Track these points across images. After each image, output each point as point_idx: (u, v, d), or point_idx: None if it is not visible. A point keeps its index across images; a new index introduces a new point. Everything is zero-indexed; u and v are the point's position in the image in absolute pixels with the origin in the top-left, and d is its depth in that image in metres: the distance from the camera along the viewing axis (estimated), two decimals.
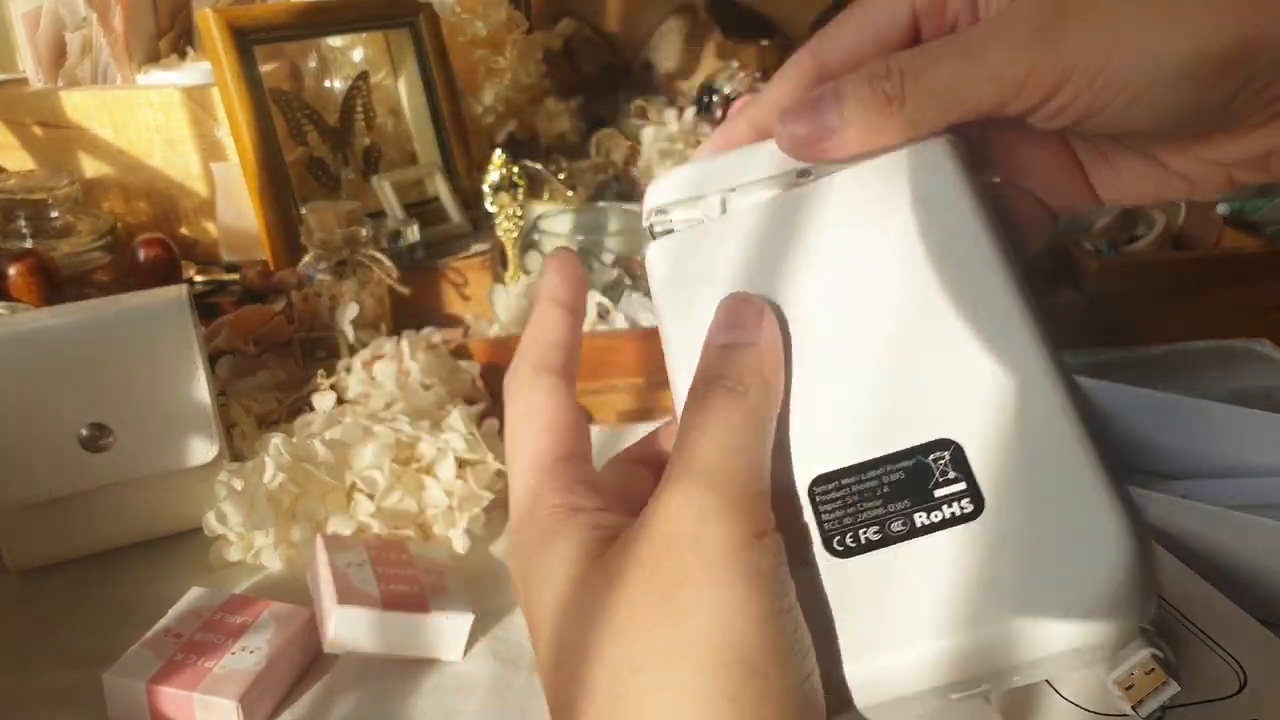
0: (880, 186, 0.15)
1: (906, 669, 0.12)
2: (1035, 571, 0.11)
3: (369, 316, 0.46)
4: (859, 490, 0.13)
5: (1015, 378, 0.12)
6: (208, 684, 0.27)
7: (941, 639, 0.11)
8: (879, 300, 0.14)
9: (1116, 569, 0.11)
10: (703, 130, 0.60)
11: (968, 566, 0.12)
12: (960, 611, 0.11)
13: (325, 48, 0.58)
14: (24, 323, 0.35)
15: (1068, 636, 0.11)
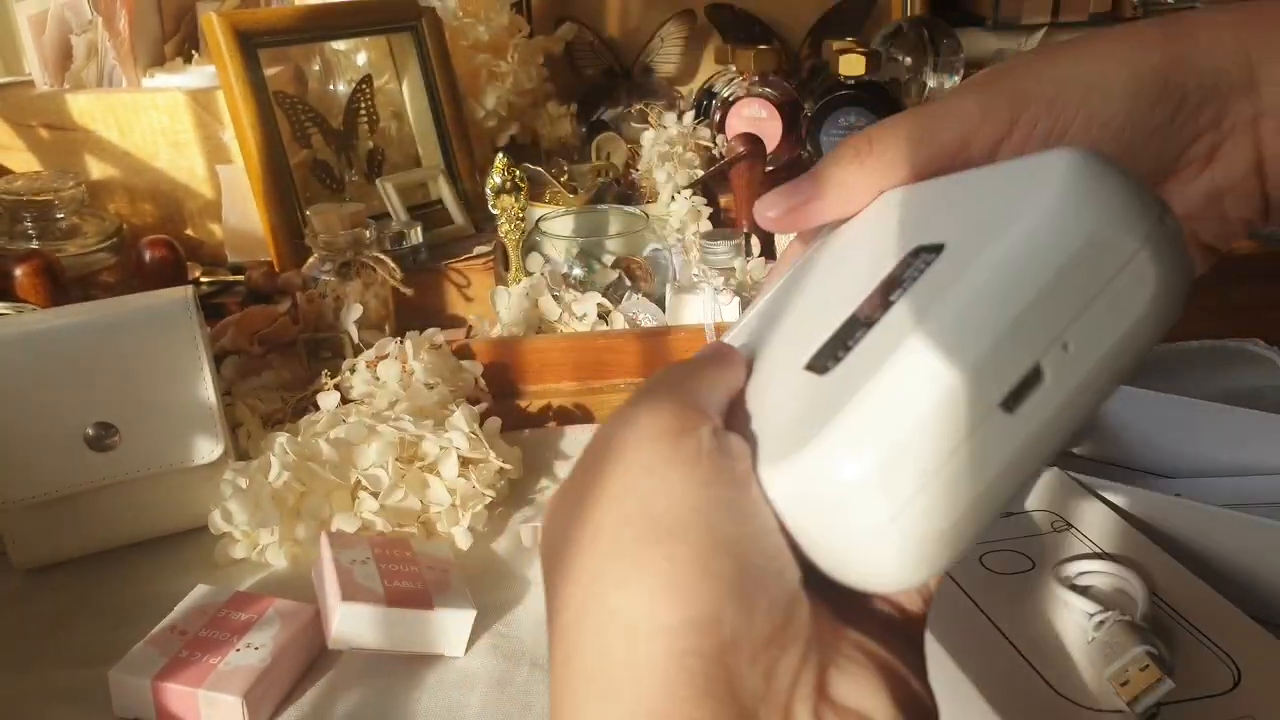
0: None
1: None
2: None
3: (373, 317, 0.46)
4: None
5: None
6: (213, 680, 0.27)
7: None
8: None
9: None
10: (701, 133, 0.61)
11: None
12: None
13: (329, 51, 0.59)
14: (30, 323, 0.36)
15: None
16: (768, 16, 0.73)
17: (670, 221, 0.54)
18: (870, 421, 0.11)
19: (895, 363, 0.11)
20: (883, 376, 0.11)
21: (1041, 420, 0.11)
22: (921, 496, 0.10)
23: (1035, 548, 0.28)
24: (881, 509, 0.10)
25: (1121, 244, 0.10)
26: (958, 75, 0.68)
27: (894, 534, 0.11)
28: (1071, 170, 0.11)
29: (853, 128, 0.62)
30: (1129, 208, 0.11)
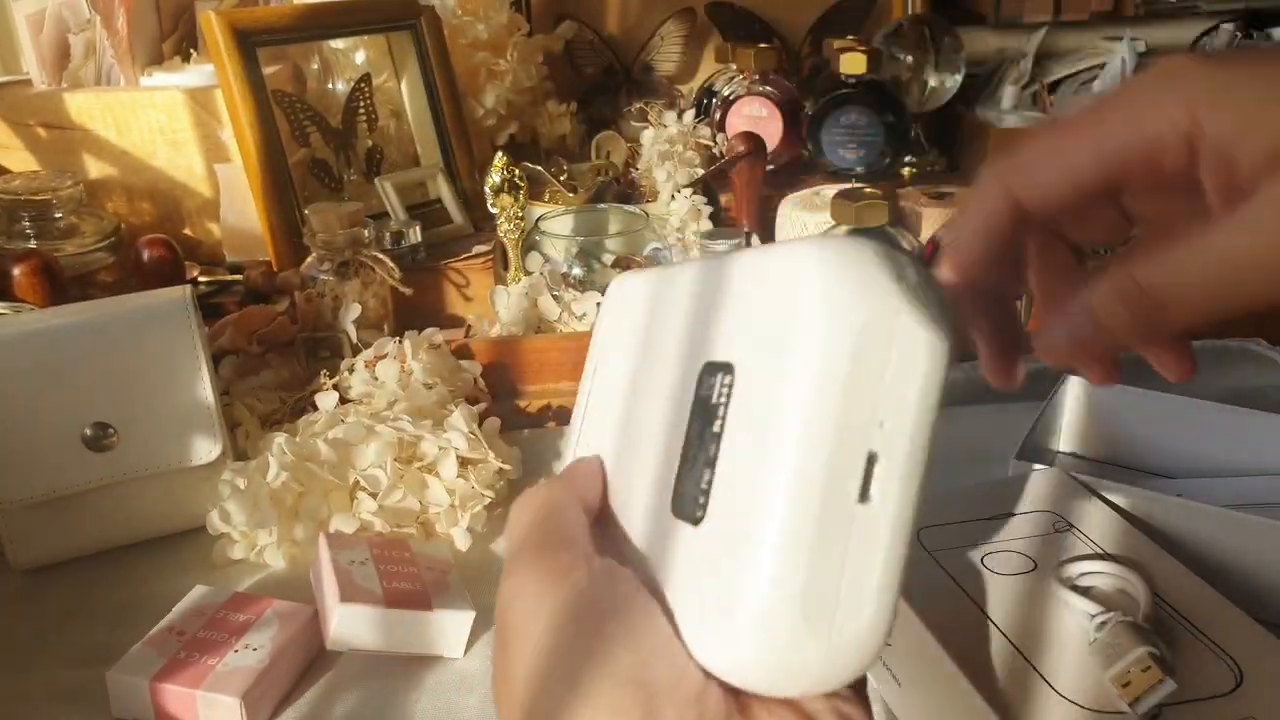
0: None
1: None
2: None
3: (371, 317, 0.46)
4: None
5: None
6: (211, 681, 0.27)
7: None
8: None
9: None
10: (702, 132, 0.60)
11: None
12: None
13: (327, 50, 0.59)
14: (28, 323, 0.36)
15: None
16: (768, 15, 0.73)
17: (670, 220, 0.54)
18: (779, 575, 0.11)
19: (767, 512, 0.12)
20: (764, 530, 0.12)
21: (894, 497, 0.12)
22: (842, 612, 0.12)
23: (1037, 548, 0.28)
24: (820, 642, 0.12)
25: (884, 315, 0.12)
26: (959, 74, 0.68)
27: (833, 654, 0.12)
28: (820, 270, 0.12)
29: (854, 126, 0.62)
30: (878, 282, 0.12)
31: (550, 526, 0.15)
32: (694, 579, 0.13)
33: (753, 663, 0.12)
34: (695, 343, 0.14)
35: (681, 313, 0.15)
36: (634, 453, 0.15)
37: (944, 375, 0.12)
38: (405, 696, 0.29)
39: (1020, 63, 0.69)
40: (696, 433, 0.13)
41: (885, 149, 0.62)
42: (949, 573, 0.27)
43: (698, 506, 0.13)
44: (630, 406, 0.16)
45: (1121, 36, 0.68)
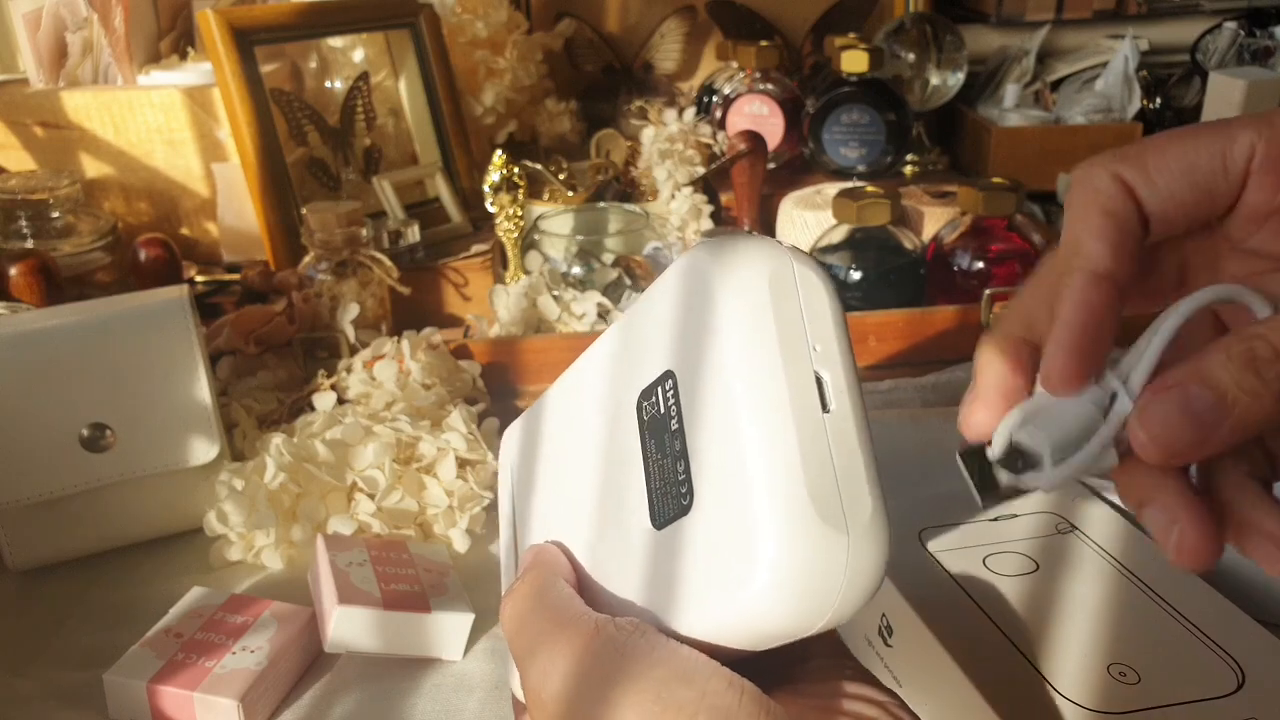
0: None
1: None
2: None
3: (370, 317, 0.46)
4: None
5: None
6: (208, 684, 0.27)
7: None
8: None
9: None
10: (702, 130, 0.60)
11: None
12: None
13: (326, 48, 0.58)
14: (25, 323, 0.35)
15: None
16: (769, 13, 0.73)
17: (671, 220, 0.54)
18: (786, 491, 0.13)
19: (755, 450, 0.13)
20: (758, 465, 0.13)
21: (847, 402, 0.14)
22: (848, 504, 0.13)
23: (1039, 550, 0.28)
24: (841, 534, 0.13)
25: (782, 266, 0.14)
26: (961, 72, 0.68)
27: (855, 544, 0.13)
28: (718, 256, 0.14)
29: (855, 125, 0.62)
30: (766, 245, 0.14)
31: (552, 604, 0.15)
32: (707, 556, 0.13)
33: (792, 587, 0.12)
34: (619, 393, 0.16)
35: (590, 390, 0.17)
36: (584, 521, 0.16)
37: (840, 304, 0.14)
38: (404, 699, 0.28)
39: (1023, 61, 0.69)
40: (655, 448, 0.15)
41: (887, 147, 0.62)
42: (951, 574, 0.27)
43: (683, 497, 0.14)
44: (560, 495, 0.17)
45: (1124, 35, 0.68)
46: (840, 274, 0.48)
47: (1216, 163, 0.13)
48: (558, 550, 0.16)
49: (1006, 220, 0.47)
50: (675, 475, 0.14)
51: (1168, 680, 0.23)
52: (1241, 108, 0.56)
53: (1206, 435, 0.12)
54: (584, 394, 0.17)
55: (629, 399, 0.15)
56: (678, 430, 0.14)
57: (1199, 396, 0.12)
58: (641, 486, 0.14)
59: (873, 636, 0.28)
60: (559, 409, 0.18)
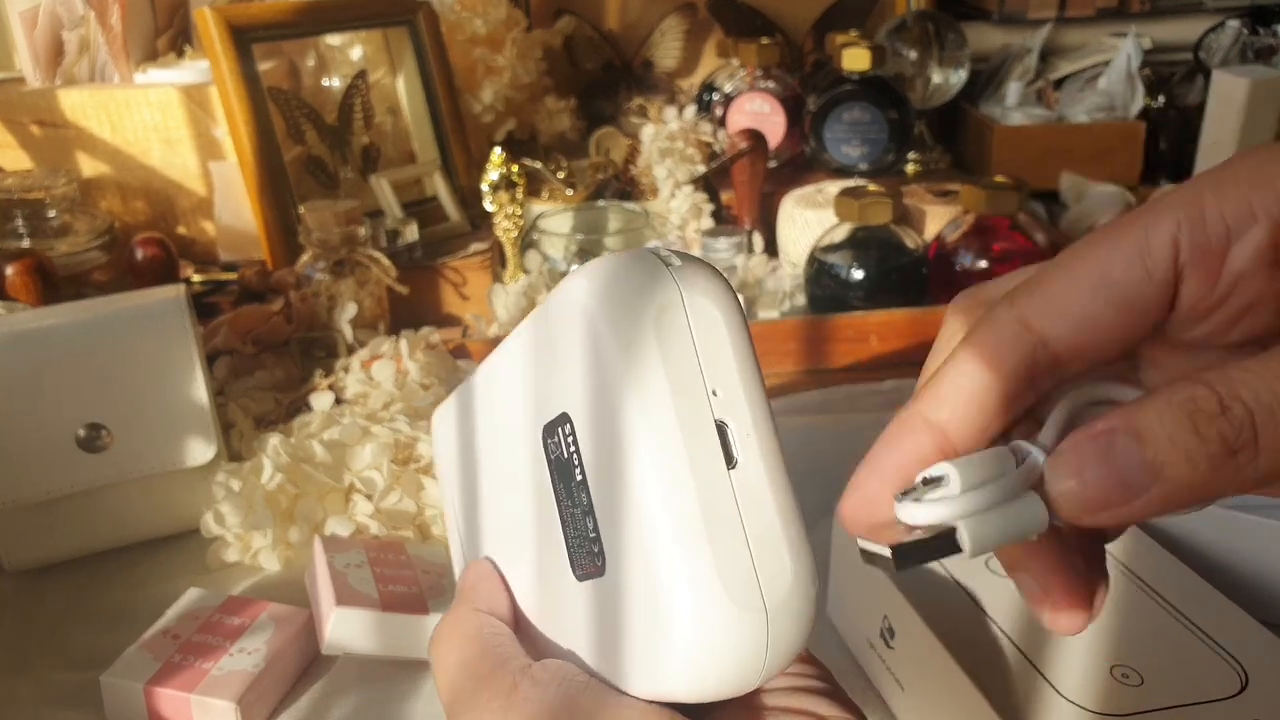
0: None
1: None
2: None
3: (367, 316, 0.46)
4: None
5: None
6: (206, 685, 0.27)
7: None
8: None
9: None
10: (703, 129, 0.60)
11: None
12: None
13: (324, 46, 0.58)
14: (21, 323, 0.35)
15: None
16: (770, 10, 0.73)
17: (671, 218, 0.54)
18: (689, 570, 0.11)
19: (653, 520, 0.12)
20: (658, 538, 0.12)
21: (757, 452, 0.12)
22: (764, 578, 0.12)
23: None
24: (756, 615, 0.12)
25: (669, 301, 0.12)
26: (964, 70, 0.67)
27: (773, 622, 0.12)
28: (594, 289, 0.12)
29: (857, 123, 0.61)
30: (648, 274, 0.12)
31: (477, 653, 0.14)
32: (626, 625, 0.12)
33: (706, 667, 0.12)
34: (526, 416, 0.14)
35: (502, 400, 0.15)
36: (519, 544, 0.15)
37: (746, 332, 0.12)
38: (401, 701, 0.28)
39: (1025, 59, 0.68)
40: (565, 493, 0.13)
41: (889, 146, 0.62)
42: (953, 575, 0.26)
43: (595, 557, 0.13)
44: (496, 505, 0.16)
45: (1127, 33, 0.68)
46: (842, 273, 0.48)
47: (1135, 270, 0.11)
48: (495, 575, 0.16)
49: (1009, 219, 0.47)
50: (586, 531, 0.13)
51: (1170, 682, 0.23)
52: (1245, 106, 0.56)
53: (1130, 498, 0.10)
54: (502, 397, 0.15)
55: (536, 429, 0.14)
56: (582, 483, 0.13)
57: (1125, 450, 0.10)
58: (559, 534, 0.13)
59: (874, 639, 0.27)
60: (484, 402, 0.16)
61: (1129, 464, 0.10)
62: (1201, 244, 0.11)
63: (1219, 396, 0.10)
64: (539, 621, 0.15)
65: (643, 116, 0.60)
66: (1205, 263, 0.11)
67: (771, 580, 0.12)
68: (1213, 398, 0.10)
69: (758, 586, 0.11)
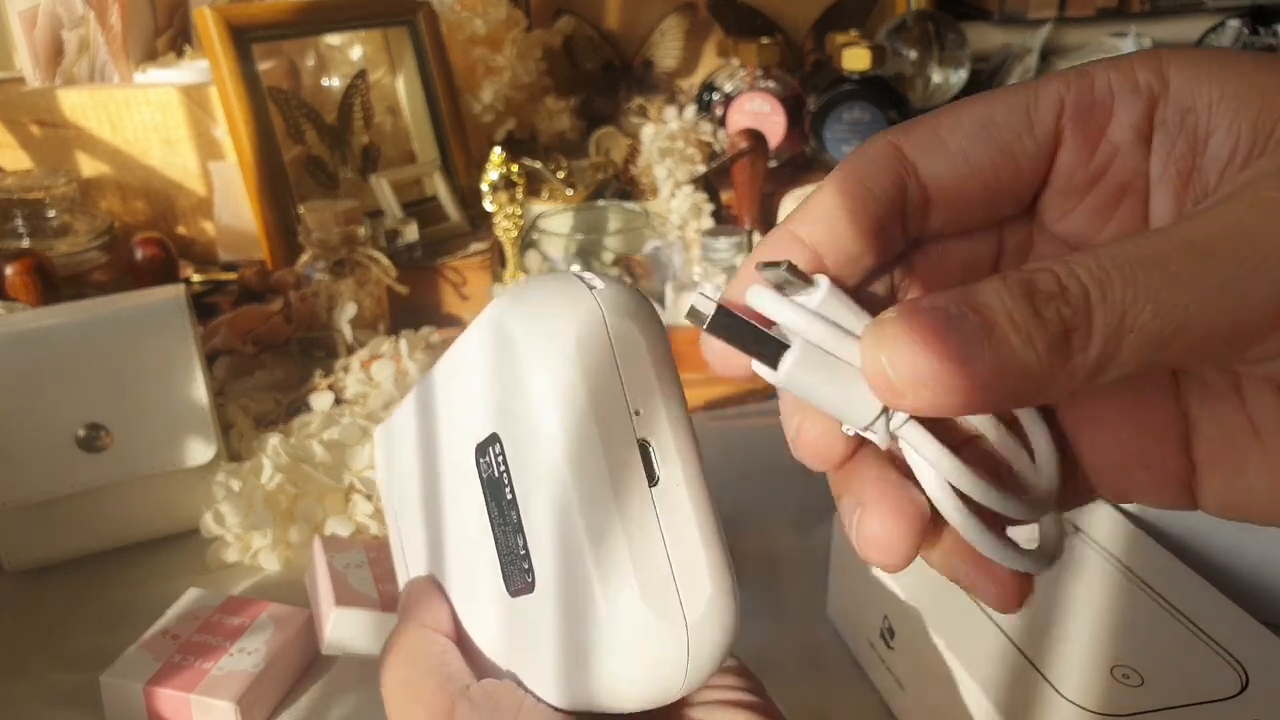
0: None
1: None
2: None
3: (367, 316, 0.46)
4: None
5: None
6: (205, 686, 0.27)
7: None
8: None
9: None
10: (703, 128, 0.60)
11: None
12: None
13: (323, 46, 0.58)
14: (21, 322, 0.35)
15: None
16: (770, 10, 0.73)
17: (671, 218, 0.54)
18: (614, 584, 0.12)
19: (576, 539, 0.12)
20: (582, 556, 0.12)
21: (679, 469, 0.12)
22: (685, 592, 0.12)
23: None
24: (677, 626, 0.12)
25: (590, 325, 0.12)
26: (964, 70, 0.67)
27: (694, 635, 0.12)
28: (517, 312, 0.12)
29: (857, 123, 0.61)
30: (569, 298, 0.12)
31: (420, 672, 0.14)
32: (554, 639, 0.13)
33: (628, 677, 0.12)
34: (460, 435, 0.14)
35: (438, 419, 0.15)
36: (457, 560, 0.15)
37: (667, 352, 0.12)
38: None
39: (1025, 59, 0.68)
40: (497, 512, 0.14)
41: None
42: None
43: (526, 574, 0.13)
44: (435, 521, 0.16)
45: (1127, 32, 0.68)
46: None
47: (1018, 116, 0.10)
48: (437, 591, 0.16)
49: None
50: (517, 549, 0.13)
51: (1171, 682, 0.23)
52: None
53: (956, 372, 0.09)
54: (437, 417, 0.15)
55: (469, 449, 0.14)
56: (512, 501, 0.13)
57: (958, 318, 0.09)
58: (492, 551, 0.14)
59: (874, 639, 0.27)
60: (421, 421, 0.16)
61: (964, 330, 0.09)
62: (1086, 105, 0.10)
63: (1057, 276, 0.09)
64: (477, 637, 0.15)
65: (643, 116, 0.60)
66: (1086, 126, 0.10)
67: (691, 593, 0.12)
68: (1051, 278, 0.09)
69: (678, 599, 0.12)
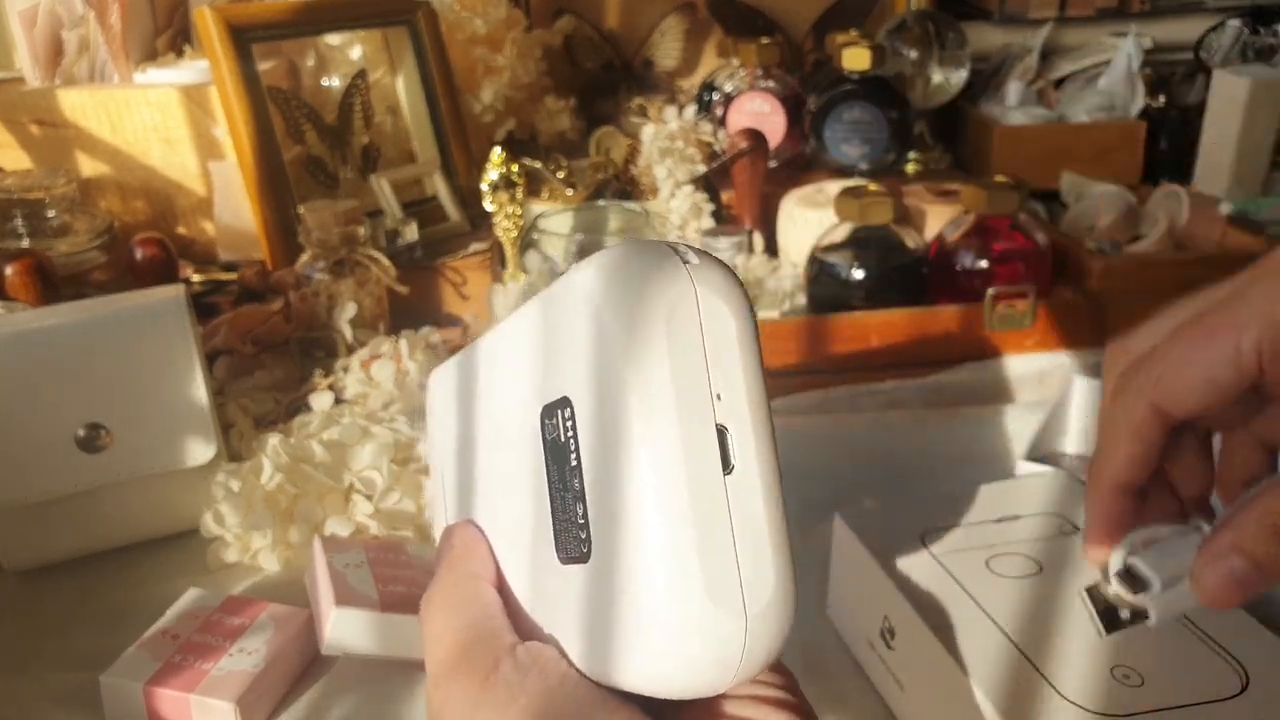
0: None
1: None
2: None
3: (367, 316, 0.46)
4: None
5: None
6: (205, 686, 0.27)
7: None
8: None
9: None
10: (703, 128, 0.60)
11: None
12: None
13: (323, 46, 0.58)
14: (21, 322, 0.35)
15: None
16: (770, 10, 0.73)
17: (671, 218, 0.54)
18: (677, 573, 0.12)
19: (644, 519, 0.12)
20: (648, 537, 0.12)
21: (754, 459, 0.12)
22: (748, 585, 0.12)
23: (1042, 552, 0.27)
24: (737, 620, 0.12)
25: (682, 300, 0.12)
26: (964, 70, 0.67)
27: (753, 629, 0.12)
28: (609, 278, 0.12)
29: (857, 122, 0.61)
30: (665, 272, 0.12)
31: (466, 623, 0.14)
32: (605, 615, 0.12)
33: (680, 664, 0.12)
34: (526, 393, 0.14)
35: (505, 372, 0.15)
36: (507, 515, 0.15)
37: (756, 337, 0.12)
38: (401, 702, 0.28)
39: (1025, 59, 0.68)
40: (557, 475, 0.13)
41: (889, 145, 0.62)
42: (953, 575, 0.26)
43: (582, 543, 0.13)
44: (487, 473, 0.16)
45: (1127, 32, 0.68)
46: (842, 273, 0.47)
47: (1231, 373, 0.16)
48: (482, 540, 0.16)
49: (1010, 219, 0.47)
50: (575, 516, 0.13)
51: (1171, 683, 0.23)
52: (1245, 106, 0.56)
53: (1246, 592, 0.16)
54: (504, 372, 0.15)
55: (535, 409, 0.14)
56: (576, 468, 0.13)
57: (1241, 569, 0.16)
58: (548, 511, 0.13)
59: (875, 639, 0.27)
60: (486, 373, 0.16)
61: (1243, 575, 0.16)
62: (1277, 348, 0.16)
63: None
64: (519, 594, 0.15)
65: (643, 116, 0.60)
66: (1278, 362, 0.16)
67: (755, 587, 0.12)
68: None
69: (740, 592, 0.12)
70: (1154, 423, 0.17)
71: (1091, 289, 0.47)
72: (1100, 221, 0.53)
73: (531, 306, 0.14)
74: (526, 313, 0.14)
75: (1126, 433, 0.18)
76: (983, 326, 0.45)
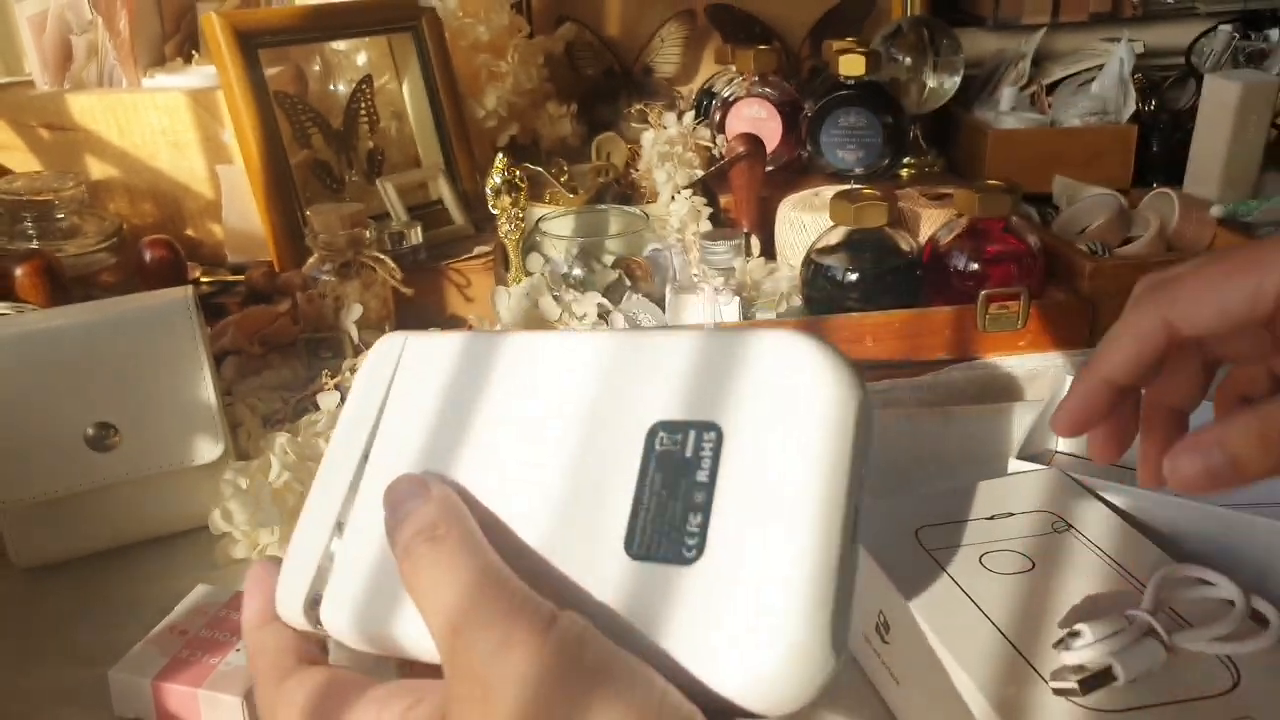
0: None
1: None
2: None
3: (373, 317, 0.46)
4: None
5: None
6: (213, 680, 0.27)
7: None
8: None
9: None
10: (701, 133, 0.61)
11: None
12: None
13: (329, 51, 0.59)
14: (31, 323, 0.36)
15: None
16: (768, 17, 0.73)
17: (670, 221, 0.54)
18: (814, 609, 0.13)
19: (798, 558, 0.13)
20: (797, 572, 0.13)
21: (861, 534, 0.14)
22: (844, 634, 0.14)
23: (1035, 549, 0.28)
24: (835, 661, 0.13)
25: (865, 398, 0.14)
26: (958, 75, 0.68)
27: (838, 669, 0.13)
28: (817, 359, 0.14)
29: (853, 127, 0.62)
30: (852, 370, 0.14)
31: (495, 581, 0.13)
32: (700, 614, 0.13)
33: (782, 685, 0.13)
34: (628, 403, 0.15)
35: (583, 378, 0.16)
36: (537, 491, 0.15)
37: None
38: None
39: (1019, 64, 0.69)
40: (661, 481, 0.14)
41: (884, 150, 0.62)
42: (947, 572, 0.27)
43: (686, 547, 0.14)
44: (494, 451, 0.16)
45: (1119, 37, 0.68)
46: (838, 275, 0.48)
47: (1245, 309, 0.17)
48: (459, 500, 0.15)
49: (1003, 222, 0.48)
50: (681, 522, 0.14)
51: (1164, 679, 0.23)
52: (1236, 110, 0.56)
53: (1217, 485, 0.16)
54: (582, 376, 0.16)
55: (640, 418, 0.15)
56: (705, 484, 0.14)
57: (1219, 462, 0.16)
58: (626, 507, 0.14)
59: (870, 634, 0.28)
60: (531, 369, 0.17)
61: (1219, 467, 0.16)
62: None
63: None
64: (519, 558, 0.15)
65: (643, 121, 0.61)
66: None
67: (844, 635, 0.13)
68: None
69: (843, 639, 0.13)
70: (1160, 333, 0.18)
71: (1083, 290, 0.48)
72: (1092, 223, 0.54)
73: (652, 330, 0.16)
74: (635, 335, 0.16)
75: (1131, 335, 0.18)
76: (975, 327, 0.46)
